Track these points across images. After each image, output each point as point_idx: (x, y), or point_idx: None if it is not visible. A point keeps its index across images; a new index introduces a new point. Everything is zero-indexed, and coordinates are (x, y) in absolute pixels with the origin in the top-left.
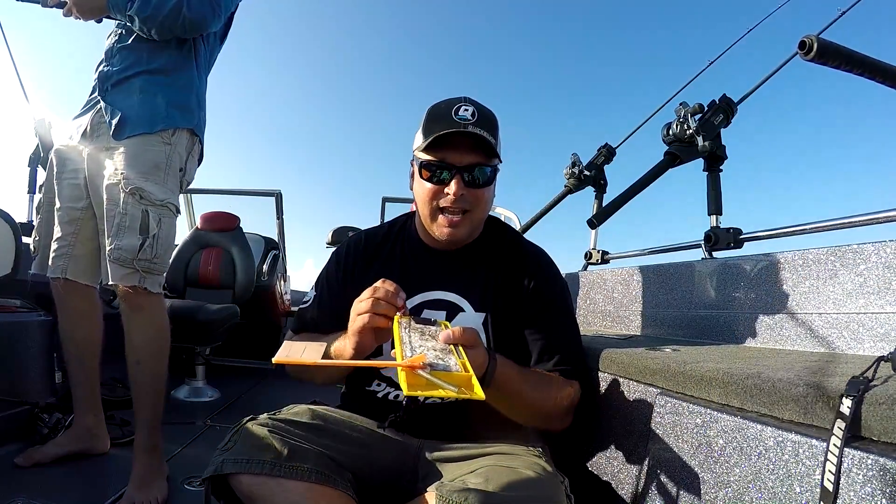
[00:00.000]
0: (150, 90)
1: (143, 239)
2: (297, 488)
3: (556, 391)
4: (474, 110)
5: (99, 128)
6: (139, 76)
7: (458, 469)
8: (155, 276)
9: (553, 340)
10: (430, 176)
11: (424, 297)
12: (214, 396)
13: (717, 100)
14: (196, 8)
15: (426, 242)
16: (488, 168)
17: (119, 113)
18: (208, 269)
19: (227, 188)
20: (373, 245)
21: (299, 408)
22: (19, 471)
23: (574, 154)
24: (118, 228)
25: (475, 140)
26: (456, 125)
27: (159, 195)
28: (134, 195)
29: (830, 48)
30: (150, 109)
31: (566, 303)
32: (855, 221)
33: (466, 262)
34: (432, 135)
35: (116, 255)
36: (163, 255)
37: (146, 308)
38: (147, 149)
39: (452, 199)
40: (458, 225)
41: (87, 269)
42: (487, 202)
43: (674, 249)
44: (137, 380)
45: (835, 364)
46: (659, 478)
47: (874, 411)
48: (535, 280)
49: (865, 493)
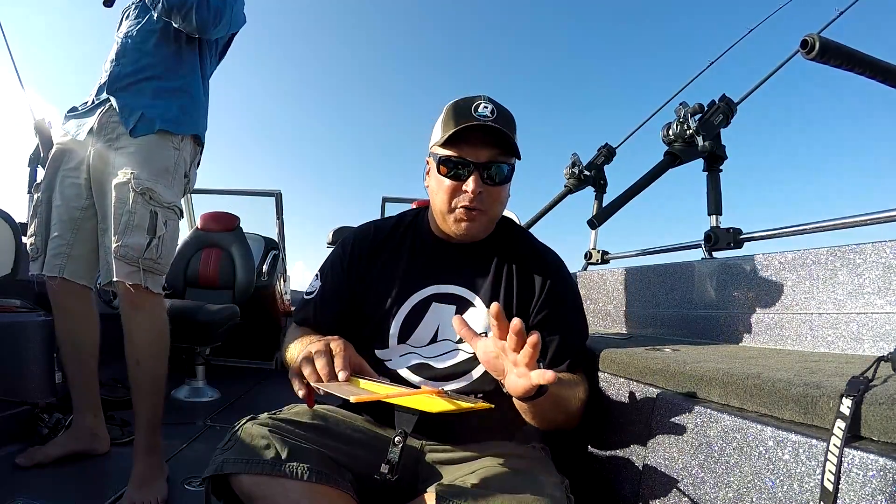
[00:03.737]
0: (164, 94)
1: (150, 239)
2: (298, 488)
3: (579, 391)
4: (493, 108)
5: (108, 126)
6: (152, 80)
7: (459, 470)
8: (157, 276)
9: (567, 340)
10: (449, 172)
11: (434, 289)
12: (214, 396)
13: (716, 100)
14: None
15: (438, 236)
16: (506, 166)
17: (138, 111)
18: (208, 269)
19: (227, 188)
20: (381, 236)
21: (300, 408)
22: (19, 471)
23: (574, 154)
24: (126, 226)
25: (494, 137)
26: (475, 121)
27: (167, 197)
28: (144, 195)
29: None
30: (165, 111)
31: (577, 302)
32: (855, 221)
33: (477, 257)
34: (452, 130)
35: (123, 252)
36: (166, 257)
37: (147, 307)
38: (158, 151)
39: (471, 196)
40: (474, 219)
41: (85, 270)
42: (503, 200)
43: (674, 249)
44: (137, 380)
45: (835, 364)
46: (659, 478)
47: (874, 411)
48: (548, 279)
49: (865, 493)
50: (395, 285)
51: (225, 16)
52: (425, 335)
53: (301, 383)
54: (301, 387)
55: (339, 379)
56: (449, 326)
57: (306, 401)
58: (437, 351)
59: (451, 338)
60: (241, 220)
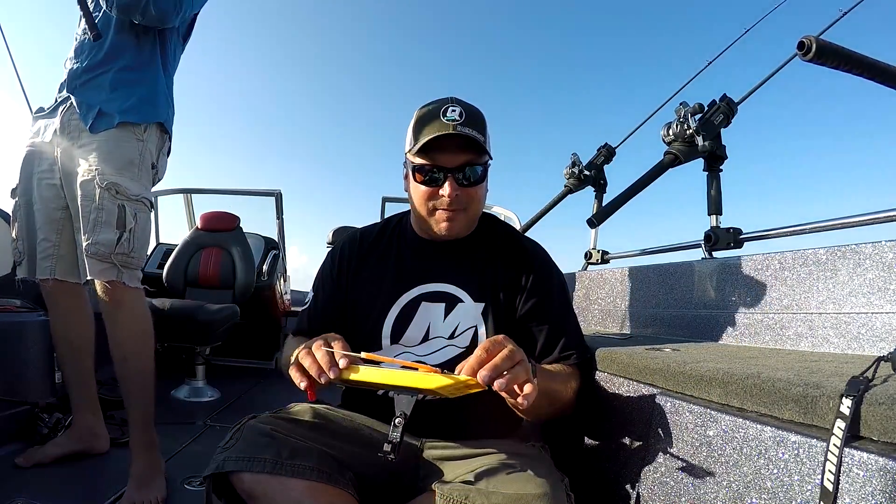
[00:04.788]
0: (121, 86)
1: (121, 233)
2: (299, 487)
3: (570, 381)
4: (461, 110)
5: (70, 124)
6: (108, 73)
7: (459, 468)
8: (132, 270)
9: (556, 330)
10: (424, 179)
11: (422, 289)
12: (214, 396)
13: (717, 99)
14: (160, 4)
15: (422, 237)
16: (479, 166)
17: (96, 107)
18: (208, 269)
19: (227, 188)
20: (367, 242)
21: (300, 407)
22: (19, 471)
23: (574, 154)
24: (94, 224)
25: (465, 141)
26: (445, 127)
27: (134, 190)
28: (110, 190)
29: (829, 49)
30: (123, 103)
31: (564, 294)
32: (855, 221)
33: (463, 254)
34: (422, 139)
35: (94, 251)
36: (139, 250)
37: (126, 303)
38: (120, 145)
39: (448, 200)
40: (454, 219)
41: (74, 268)
42: (481, 199)
43: (674, 249)
44: (126, 377)
45: (835, 364)
46: (658, 478)
47: (874, 411)
48: (533, 272)
49: (865, 493)
50: (384, 288)
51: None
52: (417, 334)
53: (302, 375)
54: (302, 378)
55: (340, 366)
56: (440, 324)
57: (307, 393)
58: (429, 349)
59: (442, 335)
60: (241, 220)
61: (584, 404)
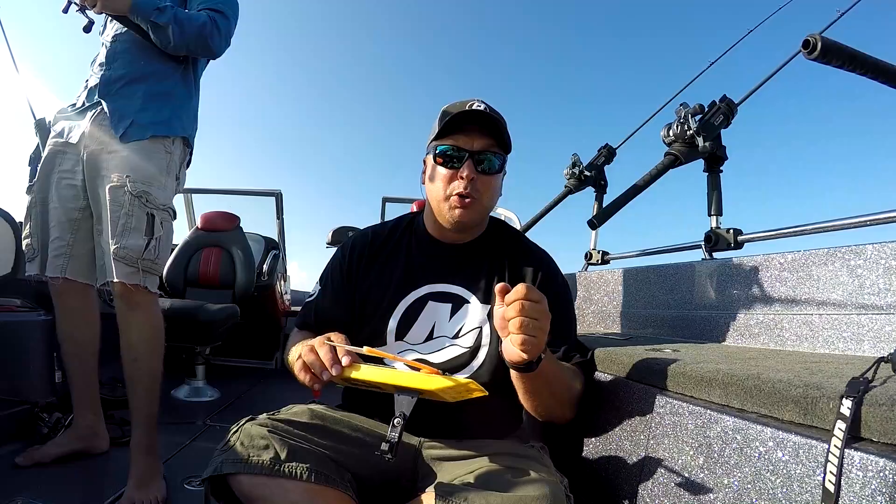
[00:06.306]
0: (155, 99)
1: (149, 240)
2: (297, 488)
3: (575, 378)
4: (486, 107)
5: (101, 130)
6: (142, 84)
7: (458, 469)
8: (154, 275)
9: (560, 330)
10: (444, 161)
11: (430, 288)
12: (214, 396)
13: (717, 100)
14: (217, 42)
15: (434, 236)
16: (498, 157)
17: (129, 117)
18: (208, 268)
19: (227, 188)
20: (379, 240)
21: (299, 408)
22: (19, 471)
23: (574, 154)
24: (123, 229)
25: (488, 128)
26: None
27: (162, 199)
28: (140, 198)
29: (834, 48)
30: (155, 116)
31: (568, 297)
32: (855, 222)
33: (471, 256)
34: (447, 121)
35: (123, 254)
36: (163, 257)
37: (143, 306)
38: (151, 156)
39: (465, 182)
40: (468, 206)
41: (86, 269)
42: (495, 191)
43: (674, 250)
44: (134, 378)
45: (835, 364)
46: (659, 478)
47: (874, 412)
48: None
49: (866, 494)
50: (392, 285)
51: (233, 30)
52: (421, 333)
53: (307, 373)
54: (307, 375)
55: (343, 364)
56: (445, 324)
57: (313, 390)
58: (433, 347)
59: (446, 334)
60: (241, 220)
61: (584, 405)
